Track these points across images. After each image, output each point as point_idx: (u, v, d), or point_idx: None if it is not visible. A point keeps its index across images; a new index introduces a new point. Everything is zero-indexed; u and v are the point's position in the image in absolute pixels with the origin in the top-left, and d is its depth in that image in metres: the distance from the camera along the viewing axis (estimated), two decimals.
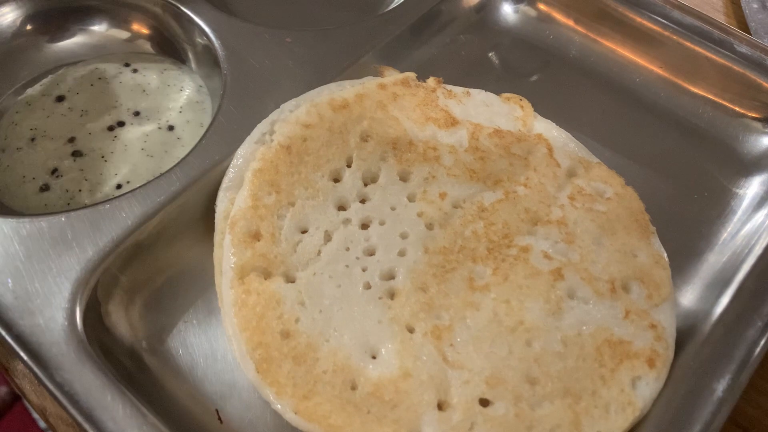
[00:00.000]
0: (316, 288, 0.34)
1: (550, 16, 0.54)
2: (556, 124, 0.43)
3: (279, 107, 0.41)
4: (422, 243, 0.36)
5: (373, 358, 0.33)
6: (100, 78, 0.48)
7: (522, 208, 0.38)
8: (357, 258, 0.36)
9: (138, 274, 0.38)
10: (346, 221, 0.37)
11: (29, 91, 0.47)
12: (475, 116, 0.42)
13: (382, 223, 0.37)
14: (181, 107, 0.46)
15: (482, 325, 0.33)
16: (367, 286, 0.35)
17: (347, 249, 0.36)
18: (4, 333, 0.33)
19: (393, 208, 0.38)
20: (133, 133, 0.45)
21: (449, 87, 0.43)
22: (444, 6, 0.52)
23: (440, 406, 0.31)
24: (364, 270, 0.35)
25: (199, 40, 0.47)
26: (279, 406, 0.31)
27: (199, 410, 0.35)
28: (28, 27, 0.49)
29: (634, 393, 0.32)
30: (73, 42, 0.49)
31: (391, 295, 0.35)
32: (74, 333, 0.34)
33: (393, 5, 0.54)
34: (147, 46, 0.50)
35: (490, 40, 0.53)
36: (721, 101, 0.48)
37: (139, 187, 0.38)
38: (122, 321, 0.37)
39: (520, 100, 0.44)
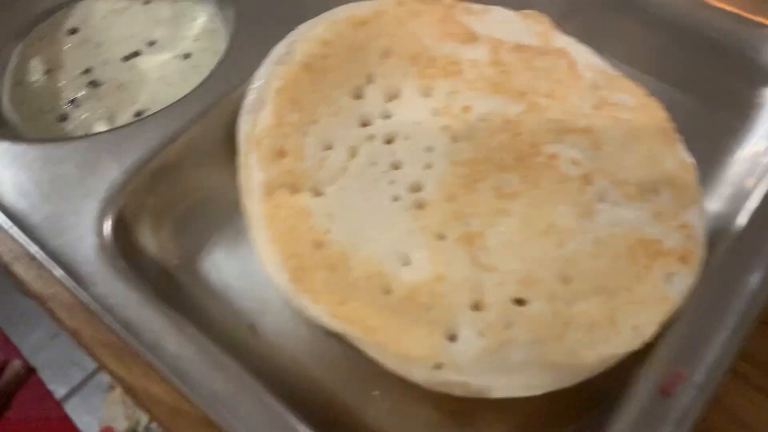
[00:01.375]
0: (344, 201, 0.34)
1: None
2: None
3: (296, 29, 0.41)
4: (448, 155, 0.36)
5: (406, 264, 0.32)
6: (112, 10, 0.47)
7: (547, 118, 0.37)
8: (383, 172, 0.35)
9: (164, 197, 0.38)
10: (371, 137, 0.37)
11: (41, 25, 0.46)
12: (495, 32, 0.41)
13: (406, 138, 0.37)
14: (196, 36, 0.46)
15: (513, 230, 0.33)
16: (395, 198, 0.34)
17: (373, 164, 0.36)
18: (38, 250, 0.33)
19: (417, 123, 0.37)
20: (149, 62, 0.44)
21: (467, 4, 0.43)
22: None
23: (475, 307, 0.31)
24: (391, 183, 0.35)
25: None
26: (316, 312, 0.31)
27: (234, 325, 0.35)
28: None
29: (668, 288, 0.32)
30: None
31: (420, 206, 0.34)
32: (105, 250, 0.34)
33: None
34: None
35: None
36: (740, 12, 0.48)
37: (161, 110, 0.38)
38: (151, 242, 0.37)
39: (539, 16, 0.43)
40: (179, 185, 0.38)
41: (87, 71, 0.43)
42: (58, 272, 0.33)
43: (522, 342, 0.30)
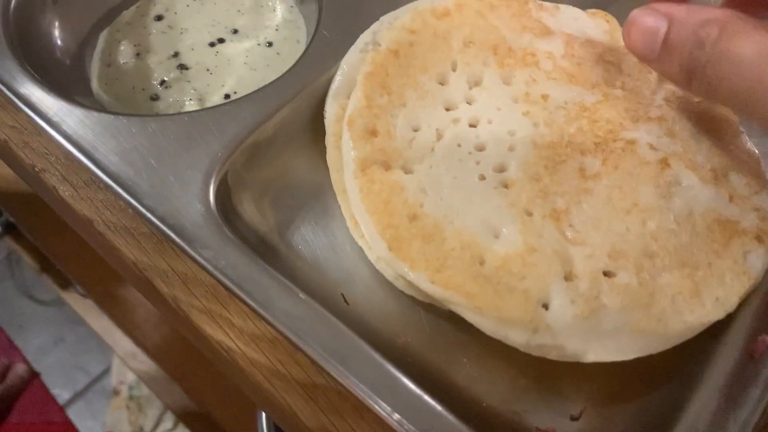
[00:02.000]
0: (434, 178, 0.36)
1: None
2: None
3: (379, 20, 0.43)
4: (530, 139, 0.38)
5: (496, 237, 0.34)
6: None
7: (622, 107, 0.39)
8: (469, 153, 0.37)
9: (258, 172, 0.40)
10: (456, 120, 0.38)
11: (125, 12, 0.48)
12: (566, 27, 0.43)
13: (489, 122, 0.39)
14: (276, 25, 0.48)
15: (598, 208, 0.35)
16: (482, 178, 0.36)
17: (459, 145, 0.37)
18: (149, 215, 0.35)
19: (499, 109, 0.39)
20: (234, 48, 0.46)
21: (539, 1, 0.45)
22: None
23: (566, 277, 0.33)
24: (477, 163, 0.37)
25: None
26: (416, 278, 0.33)
27: (327, 294, 0.37)
28: None
29: (747, 264, 0.34)
30: None
31: (506, 185, 0.36)
32: (212, 216, 0.36)
33: None
34: None
35: None
36: None
37: (254, 92, 0.40)
38: (248, 213, 0.39)
39: (605, 15, 0.45)
40: (271, 162, 0.40)
41: (175, 55, 0.45)
42: (171, 235, 0.34)
43: (612, 309, 0.32)
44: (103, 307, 1.03)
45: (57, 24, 0.45)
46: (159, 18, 0.48)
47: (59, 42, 0.45)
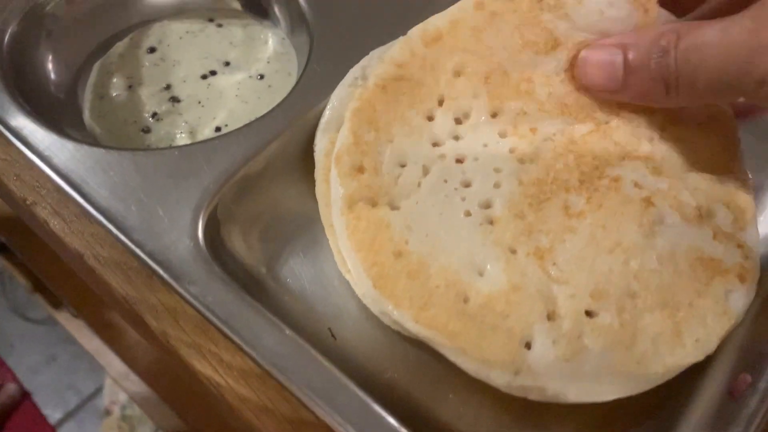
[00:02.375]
0: (420, 214, 0.36)
1: None
2: None
3: (369, 54, 0.43)
4: (516, 176, 0.38)
5: (481, 275, 0.35)
6: (187, 32, 0.50)
7: (612, 141, 0.39)
8: (455, 189, 0.37)
9: (247, 206, 0.40)
10: (442, 156, 0.38)
11: (119, 43, 0.49)
12: (583, 29, 0.40)
13: (475, 159, 0.38)
14: (268, 58, 0.49)
15: (581, 247, 0.35)
16: (468, 214, 0.36)
17: (445, 181, 0.37)
18: (137, 250, 0.35)
19: (485, 145, 0.39)
20: (226, 81, 0.47)
21: None
22: None
23: (549, 317, 0.33)
24: (463, 199, 0.37)
25: None
26: (400, 317, 0.33)
27: (314, 329, 0.37)
28: None
29: (728, 304, 0.34)
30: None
31: (491, 221, 0.36)
32: (200, 252, 0.36)
33: None
34: (231, 3, 0.52)
35: None
36: None
37: (245, 126, 0.40)
38: (237, 247, 0.39)
39: (648, 1, 0.40)
40: (261, 195, 0.41)
41: (167, 87, 0.46)
42: (159, 272, 0.35)
43: (594, 351, 0.33)
44: (94, 329, 1.02)
45: (50, 57, 0.46)
46: (152, 50, 0.49)
47: (53, 75, 0.46)
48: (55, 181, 0.39)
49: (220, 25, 0.51)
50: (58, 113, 0.44)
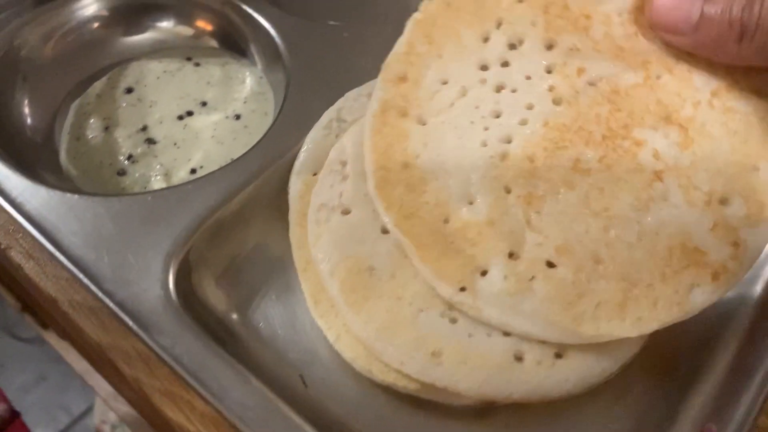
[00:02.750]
0: (440, 134, 0.37)
1: None
2: None
3: (344, 95, 0.44)
4: (544, 116, 0.36)
5: (470, 203, 0.35)
6: (164, 71, 0.50)
7: (655, 98, 0.37)
8: (482, 117, 0.37)
9: (220, 251, 0.40)
10: (483, 81, 0.38)
11: (96, 83, 0.49)
12: None
13: (513, 90, 0.37)
14: (245, 98, 0.49)
15: (570, 204, 0.35)
16: (484, 144, 0.36)
17: (476, 107, 0.37)
18: (107, 300, 0.35)
19: (528, 77, 0.38)
20: (202, 122, 0.47)
21: None
22: None
23: (511, 255, 0.34)
24: (485, 129, 0.37)
25: (260, 36, 0.49)
26: (386, 219, 0.35)
27: (285, 375, 0.37)
28: (103, 21, 0.51)
29: (687, 297, 0.33)
30: (138, 38, 0.52)
31: (503, 156, 0.36)
32: (170, 302, 0.36)
33: None
34: (209, 42, 0.52)
35: None
36: None
37: (219, 169, 0.41)
38: (209, 294, 0.39)
39: None
40: (235, 238, 0.41)
41: (143, 128, 0.46)
42: (128, 322, 0.35)
43: (537, 295, 0.33)
44: (81, 353, 1.02)
45: (27, 101, 0.46)
46: (129, 90, 0.49)
47: (29, 119, 0.46)
48: (27, 229, 0.39)
49: (197, 64, 0.51)
50: (34, 156, 0.44)
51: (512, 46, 0.38)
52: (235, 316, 0.39)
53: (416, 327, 0.35)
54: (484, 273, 0.34)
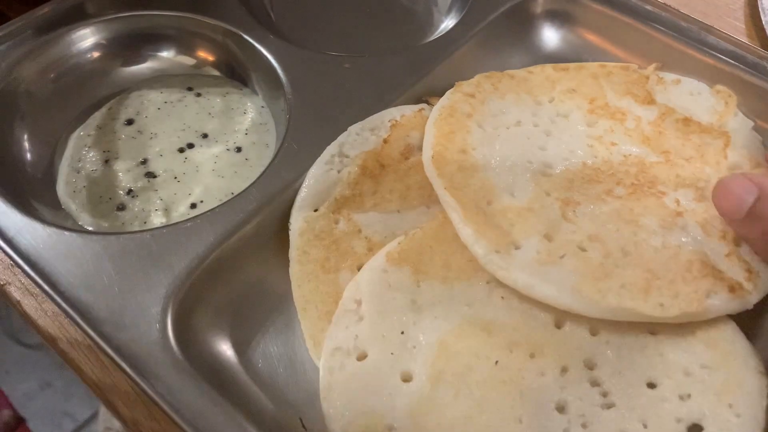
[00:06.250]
0: (496, 141, 0.43)
1: None
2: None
3: (346, 131, 0.43)
4: (583, 159, 0.43)
5: (511, 195, 0.40)
6: (165, 102, 0.49)
7: (674, 173, 0.42)
8: (532, 144, 0.43)
9: (219, 290, 0.39)
10: (536, 125, 0.45)
11: (96, 114, 0.48)
12: (675, 101, 0.48)
13: (559, 137, 0.44)
14: (246, 129, 0.48)
15: (603, 212, 0.39)
16: (530, 162, 0.42)
17: (528, 138, 0.44)
18: (104, 345, 0.35)
19: (572, 135, 0.45)
20: (203, 154, 0.46)
21: (662, 73, 0.50)
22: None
23: (545, 237, 0.38)
24: (533, 153, 0.43)
25: (262, 66, 0.49)
26: (436, 183, 0.40)
27: (284, 418, 0.36)
28: (102, 51, 0.50)
29: (706, 300, 0.35)
30: (138, 68, 0.51)
31: (545, 173, 0.42)
32: (168, 345, 0.35)
33: (438, 34, 0.55)
34: (210, 71, 0.51)
35: None
36: None
37: (218, 206, 0.40)
38: (208, 334, 0.38)
39: (729, 96, 0.47)
40: (234, 277, 0.40)
41: (144, 162, 0.45)
42: (125, 368, 0.34)
43: (566, 267, 0.36)
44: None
45: (26, 136, 0.45)
46: (129, 122, 0.48)
47: (29, 155, 0.44)
48: (24, 268, 0.38)
49: (198, 95, 0.50)
50: (33, 192, 0.43)
51: (560, 115, 0.46)
52: (234, 356, 0.38)
53: None
54: (518, 247, 0.37)
